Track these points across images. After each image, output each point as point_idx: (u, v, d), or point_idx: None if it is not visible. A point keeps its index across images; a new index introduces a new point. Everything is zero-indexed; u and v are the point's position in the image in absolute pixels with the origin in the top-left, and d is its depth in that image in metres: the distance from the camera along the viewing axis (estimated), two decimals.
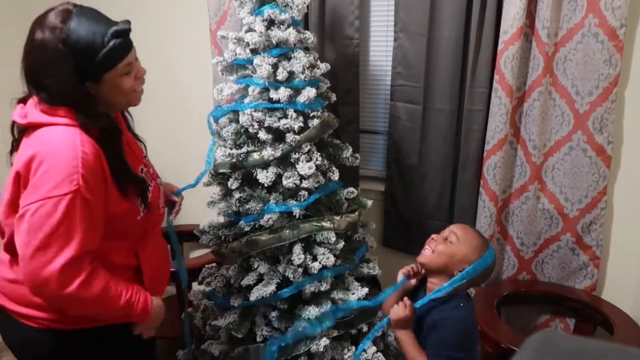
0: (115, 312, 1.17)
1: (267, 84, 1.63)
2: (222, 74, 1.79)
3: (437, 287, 1.32)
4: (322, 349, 1.64)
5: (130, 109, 1.37)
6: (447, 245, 1.32)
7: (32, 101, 1.16)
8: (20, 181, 1.10)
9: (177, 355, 1.92)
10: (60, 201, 1.05)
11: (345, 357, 1.70)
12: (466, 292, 1.37)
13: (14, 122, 1.20)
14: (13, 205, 1.13)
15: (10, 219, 1.15)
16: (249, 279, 1.68)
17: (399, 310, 1.31)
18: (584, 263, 1.93)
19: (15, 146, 1.21)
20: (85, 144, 1.10)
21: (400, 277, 1.40)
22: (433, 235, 1.38)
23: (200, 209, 1.85)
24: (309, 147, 1.66)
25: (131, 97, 1.25)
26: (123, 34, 1.13)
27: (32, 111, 1.14)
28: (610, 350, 0.46)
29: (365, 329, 1.77)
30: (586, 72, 1.75)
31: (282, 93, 1.60)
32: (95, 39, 1.10)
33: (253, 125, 1.65)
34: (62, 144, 1.08)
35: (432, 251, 1.34)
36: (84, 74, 1.11)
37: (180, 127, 2.66)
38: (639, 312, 1.83)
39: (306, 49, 1.74)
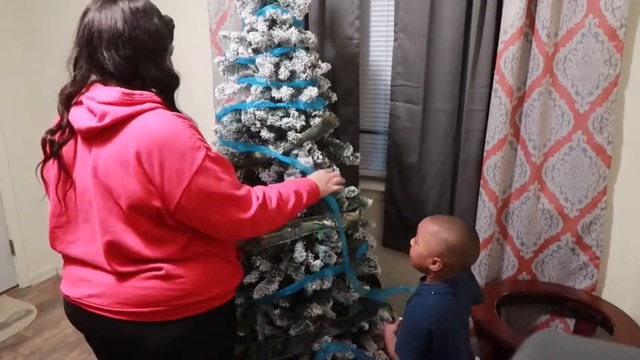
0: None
1: (269, 83, 1.64)
2: (224, 74, 1.79)
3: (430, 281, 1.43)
4: (323, 347, 1.65)
5: None
6: (413, 248, 1.42)
7: (92, 99, 1.13)
8: (142, 178, 1.09)
9: None
10: (207, 164, 1.13)
11: (347, 355, 1.70)
12: (448, 283, 1.39)
13: (69, 129, 1.17)
14: (140, 204, 1.12)
15: (138, 219, 1.14)
16: (251, 277, 1.69)
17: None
18: (584, 263, 1.93)
19: (54, 152, 1.19)
20: (176, 115, 1.17)
21: None
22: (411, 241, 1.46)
23: None
24: (310, 145, 1.66)
25: None
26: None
27: (108, 109, 1.11)
28: (610, 350, 0.46)
29: (366, 327, 1.78)
30: (586, 72, 1.76)
31: (284, 92, 1.61)
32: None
33: (255, 124, 1.66)
34: (167, 125, 1.12)
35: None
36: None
37: None
38: (639, 312, 1.83)
39: (306, 49, 1.75)
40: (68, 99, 1.17)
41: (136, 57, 1.16)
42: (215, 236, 1.23)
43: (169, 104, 1.22)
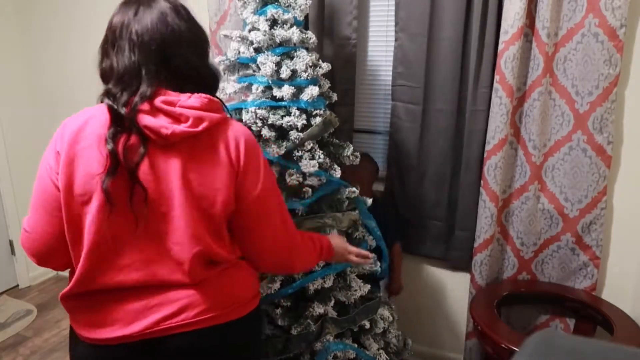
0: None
1: (270, 82, 1.64)
2: (224, 73, 1.79)
3: None
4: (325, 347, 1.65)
5: None
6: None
7: (171, 104, 1.04)
8: (235, 175, 1.10)
9: None
10: (275, 183, 1.21)
11: (348, 354, 1.71)
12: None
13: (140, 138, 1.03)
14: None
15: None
16: None
17: None
18: (584, 263, 1.93)
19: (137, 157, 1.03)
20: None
21: None
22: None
23: None
24: (311, 144, 1.67)
25: None
26: None
27: (202, 114, 1.05)
28: (610, 350, 0.46)
29: (367, 325, 1.78)
30: (586, 72, 1.76)
31: (286, 91, 1.61)
32: None
33: (256, 123, 1.66)
34: (249, 135, 1.15)
35: None
36: None
37: None
38: (639, 312, 1.83)
39: (306, 49, 1.75)
40: (134, 110, 1.02)
41: (193, 55, 1.13)
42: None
43: None
